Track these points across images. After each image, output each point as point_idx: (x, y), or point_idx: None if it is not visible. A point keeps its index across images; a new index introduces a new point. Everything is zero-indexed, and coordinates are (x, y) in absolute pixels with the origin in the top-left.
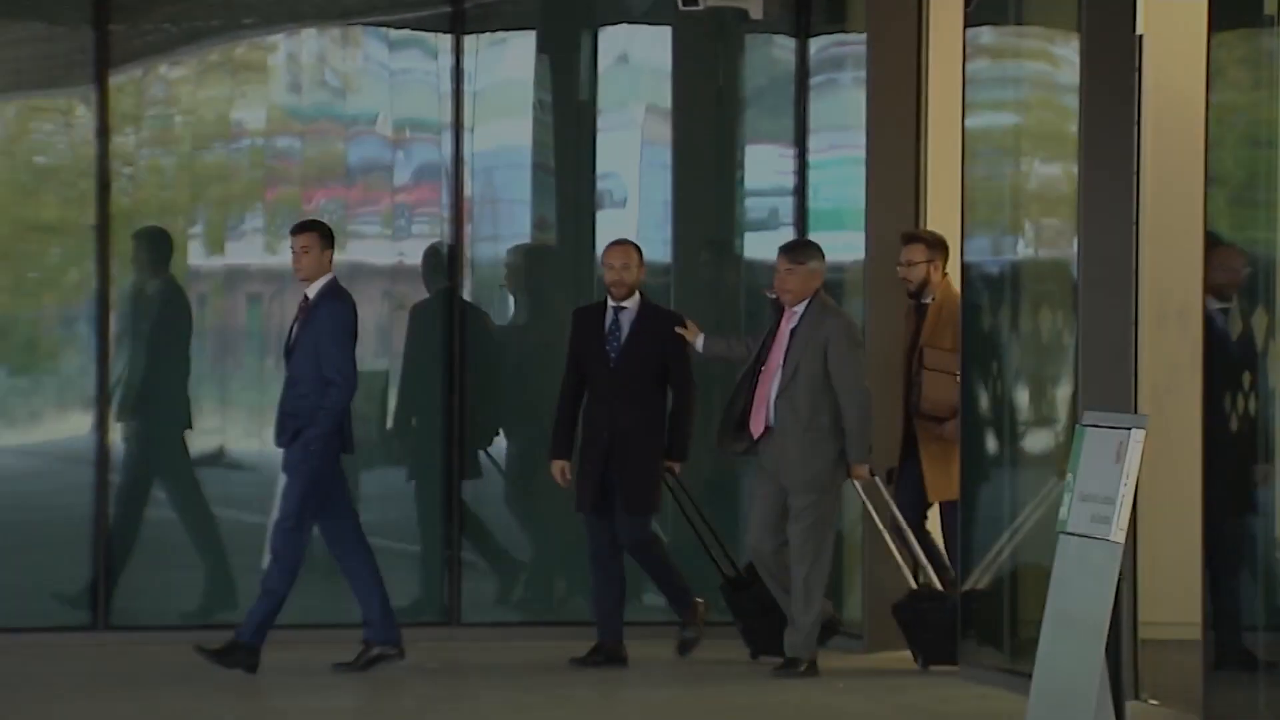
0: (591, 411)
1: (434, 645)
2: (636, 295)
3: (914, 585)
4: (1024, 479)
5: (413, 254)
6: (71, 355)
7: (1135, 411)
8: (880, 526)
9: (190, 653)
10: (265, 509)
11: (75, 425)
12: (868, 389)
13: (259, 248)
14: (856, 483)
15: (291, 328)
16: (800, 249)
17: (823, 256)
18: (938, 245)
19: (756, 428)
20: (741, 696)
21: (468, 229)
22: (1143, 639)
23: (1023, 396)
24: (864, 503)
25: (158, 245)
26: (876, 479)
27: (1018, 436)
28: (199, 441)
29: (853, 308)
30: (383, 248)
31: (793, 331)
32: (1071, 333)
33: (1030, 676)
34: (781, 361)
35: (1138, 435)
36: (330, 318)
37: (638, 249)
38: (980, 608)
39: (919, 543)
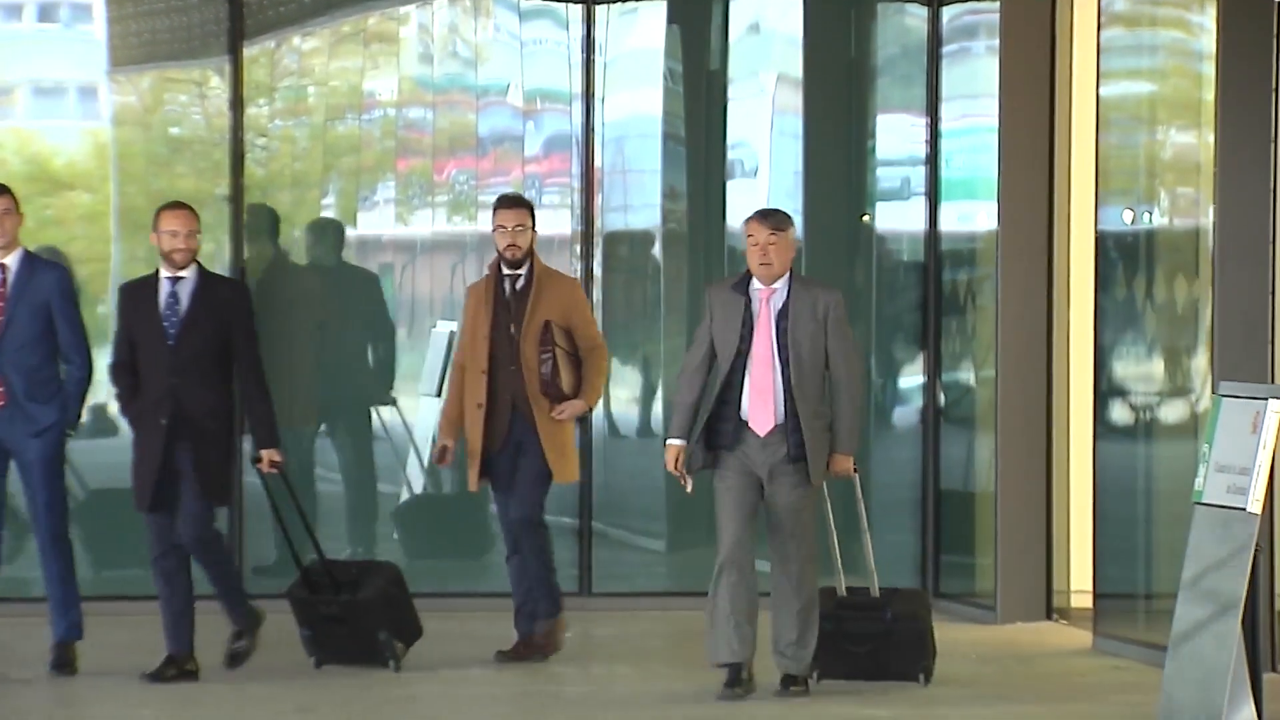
0: (146, 396)
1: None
2: (195, 264)
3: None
4: (1158, 450)
5: (544, 224)
6: None
7: (1272, 382)
8: (831, 526)
9: None
10: (395, 478)
11: None
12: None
13: (390, 218)
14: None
15: None
16: (782, 216)
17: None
18: (534, 212)
19: (765, 424)
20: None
21: (598, 199)
22: None
23: (1157, 367)
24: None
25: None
26: (855, 472)
27: (1151, 407)
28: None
29: (982, 280)
30: None
31: (781, 312)
32: (1207, 303)
33: (1165, 649)
34: (777, 346)
35: (1275, 405)
36: (64, 287)
37: (197, 214)
38: (1115, 579)
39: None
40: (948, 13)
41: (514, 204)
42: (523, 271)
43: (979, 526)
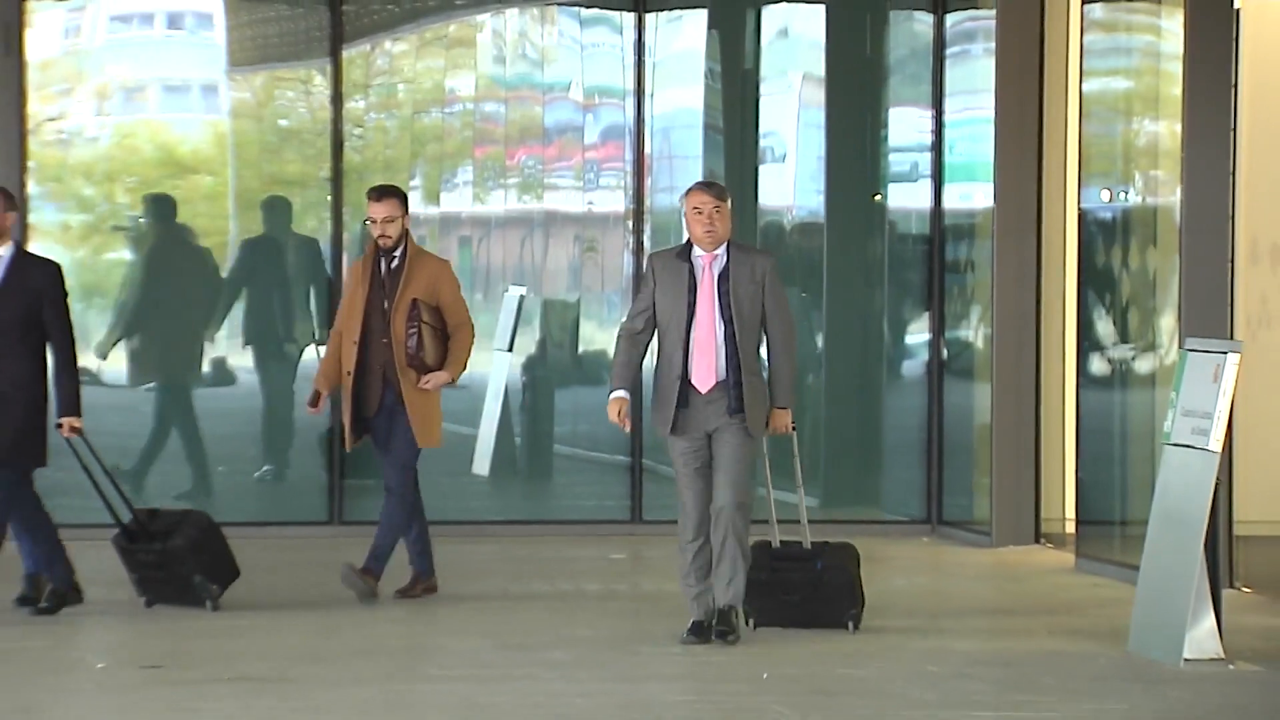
0: None
1: (619, 539)
2: (11, 243)
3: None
4: (1132, 397)
5: (601, 203)
6: (310, 289)
7: (1231, 338)
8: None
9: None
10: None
11: (312, 349)
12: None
13: (469, 198)
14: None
15: None
16: (721, 187)
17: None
18: (405, 200)
19: (707, 382)
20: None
21: (648, 181)
22: (1237, 535)
23: (1131, 325)
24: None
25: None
26: (793, 428)
27: (1127, 360)
28: None
29: (980, 251)
30: (574, 198)
31: (722, 275)
32: (1174, 270)
33: (1138, 568)
34: (719, 307)
35: (1233, 359)
36: None
37: (8, 196)
38: (1095, 508)
39: None
40: (951, 19)
41: (382, 196)
42: (397, 254)
43: (977, 463)
